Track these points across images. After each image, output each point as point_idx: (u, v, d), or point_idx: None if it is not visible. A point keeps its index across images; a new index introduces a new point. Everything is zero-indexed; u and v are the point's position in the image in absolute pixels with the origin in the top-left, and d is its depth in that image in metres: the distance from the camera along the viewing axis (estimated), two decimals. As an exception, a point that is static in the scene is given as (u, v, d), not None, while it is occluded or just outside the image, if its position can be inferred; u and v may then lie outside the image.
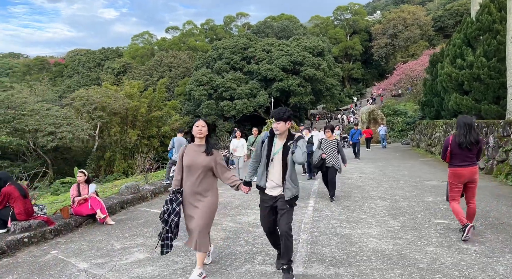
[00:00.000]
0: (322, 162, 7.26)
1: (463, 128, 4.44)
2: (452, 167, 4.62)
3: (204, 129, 3.66)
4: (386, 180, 9.75)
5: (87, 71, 56.16)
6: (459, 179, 4.57)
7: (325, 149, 7.37)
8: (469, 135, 4.39)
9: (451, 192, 4.72)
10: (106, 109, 32.49)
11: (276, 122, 3.43)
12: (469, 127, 4.41)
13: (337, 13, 67.95)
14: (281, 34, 51.90)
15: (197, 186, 3.57)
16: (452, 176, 4.65)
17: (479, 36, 13.89)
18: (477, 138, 4.40)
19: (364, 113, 28.83)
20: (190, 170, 3.58)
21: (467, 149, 4.43)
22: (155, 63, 49.82)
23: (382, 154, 18.29)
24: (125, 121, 35.41)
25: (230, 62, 40.98)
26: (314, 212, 6.37)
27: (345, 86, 65.98)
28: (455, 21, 60.35)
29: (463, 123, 4.46)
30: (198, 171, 3.56)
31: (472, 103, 13.47)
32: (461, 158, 4.49)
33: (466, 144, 4.39)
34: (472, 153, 4.47)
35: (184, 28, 67.37)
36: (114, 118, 33.67)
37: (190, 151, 3.65)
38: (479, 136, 4.50)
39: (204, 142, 3.68)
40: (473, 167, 4.53)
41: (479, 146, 4.47)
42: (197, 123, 3.67)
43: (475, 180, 4.60)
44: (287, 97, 41.55)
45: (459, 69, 14.05)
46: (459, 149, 4.47)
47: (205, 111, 39.34)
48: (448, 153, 4.60)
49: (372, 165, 13.71)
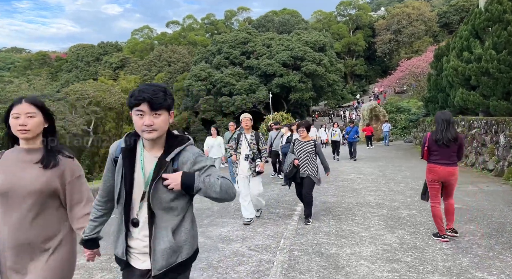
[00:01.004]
0: (296, 171, 5.42)
1: (441, 125, 4.28)
2: (430, 163, 4.45)
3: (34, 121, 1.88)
4: (386, 183, 8.88)
5: (85, 65, 55.36)
6: (434, 175, 4.38)
7: (299, 153, 5.50)
8: (446, 132, 4.22)
9: (430, 191, 4.54)
10: (101, 104, 31.77)
11: (137, 109, 1.57)
12: (446, 124, 4.25)
13: (340, 8, 66.67)
14: (282, 29, 50.82)
15: (26, 231, 1.84)
16: (428, 172, 4.47)
17: (488, 27, 12.91)
18: (455, 135, 4.23)
19: (365, 110, 27.89)
20: (8, 199, 1.84)
21: (445, 146, 4.24)
22: (154, 58, 48.95)
23: (383, 152, 17.39)
24: (121, 117, 34.72)
25: (229, 57, 40.06)
26: (300, 222, 5.53)
27: (347, 83, 64.87)
28: (460, 17, 59.00)
29: (440, 120, 4.30)
30: (26, 201, 1.84)
31: (480, 99, 12.53)
32: (439, 155, 4.32)
33: (443, 141, 4.22)
34: (451, 151, 4.27)
35: (184, 22, 66.27)
36: (109, 114, 33.00)
37: (8, 162, 1.88)
38: (458, 133, 4.30)
39: (38, 144, 1.93)
40: (451, 167, 4.31)
41: (459, 143, 4.27)
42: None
43: (451, 181, 4.39)
44: (288, 93, 40.63)
45: (466, 63, 13.10)
46: (436, 145, 4.30)
47: (204, 107, 38.52)
48: (426, 150, 4.43)
49: (372, 164, 12.83)
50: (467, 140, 11.76)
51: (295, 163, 5.39)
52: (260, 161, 5.53)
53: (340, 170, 11.57)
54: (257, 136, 5.64)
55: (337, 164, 13.38)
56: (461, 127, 12.79)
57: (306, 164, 5.42)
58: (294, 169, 5.40)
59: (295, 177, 5.49)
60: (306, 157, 5.46)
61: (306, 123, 5.81)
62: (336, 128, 15.51)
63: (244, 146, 5.55)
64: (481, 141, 10.50)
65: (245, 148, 5.55)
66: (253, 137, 5.60)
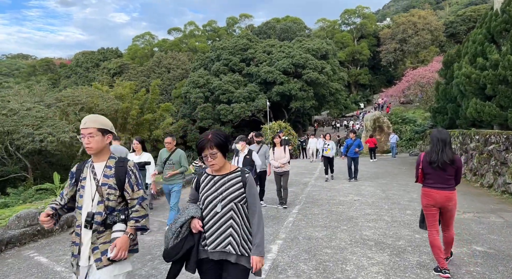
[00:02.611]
0: (191, 246, 2.32)
1: (436, 145, 3.92)
2: (424, 187, 4.09)
3: None
4: (389, 208, 7.42)
5: (84, 71, 54.52)
6: (429, 201, 3.99)
7: (208, 203, 2.56)
8: (442, 154, 3.86)
9: (426, 218, 4.09)
10: (93, 110, 30.61)
11: None
12: (442, 144, 3.89)
13: (345, 17, 65.63)
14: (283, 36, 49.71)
15: None
16: (423, 197, 4.09)
17: (505, 30, 11.55)
18: (452, 158, 3.86)
19: (368, 121, 26.46)
20: None
21: (440, 169, 3.89)
22: (153, 64, 47.98)
23: (387, 167, 15.91)
24: (115, 124, 33.45)
25: (228, 63, 38.92)
26: (272, 270, 4.10)
27: (351, 92, 63.57)
28: (467, 27, 57.96)
29: (436, 139, 3.94)
30: None
31: (497, 111, 11.10)
32: (434, 179, 3.96)
33: (438, 163, 3.86)
34: (448, 174, 3.91)
35: (186, 29, 65.47)
36: (102, 120, 31.77)
37: None
38: (455, 154, 3.92)
39: None
40: (448, 191, 3.93)
41: (456, 166, 3.90)
42: None
43: (449, 207, 3.96)
44: (288, 102, 39.30)
45: (481, 70, 11.71)
46: (431, 168, 3.95)
47: (201, 114, 37.25)
48: (420, 172, 4.07)
49: (373, 182, 11.37)
50: (483, 157, 10.29)
51: (193, 228, 2.33)
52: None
53: (336, 189, 10.12)
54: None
55: (333, 181, 11.92)
56: (475, 142, 11.33)
57: (226, 230, 2.30)
58: (190, 240, 2.33)
59: (184, 260, 2.35)
60: (227, 215, 2.33)
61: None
62: (329, 141, 12.12)
63: None
64: (500, 159, 9.03)
65: None
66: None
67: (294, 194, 9.48)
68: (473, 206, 7.49)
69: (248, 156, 6.87)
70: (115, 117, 33.36)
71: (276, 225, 6.31)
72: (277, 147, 7.79)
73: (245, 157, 6.88)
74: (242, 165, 6.75)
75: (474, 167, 10.86)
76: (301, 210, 7.44)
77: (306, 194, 9.43)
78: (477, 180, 10.51)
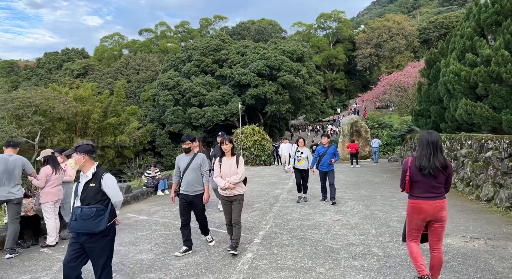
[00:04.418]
0: None
1: (426, 149, 3.44)
2: (412, 198, 3.56)
3: None
4: (377, 234, 5.80)
5: (46, 73, 50.83)
6: (419, 215, 3.47)
7: None
8: (434, 158, 3.39)
9: (409, 230, 3.61)
10: (48, 113, 27.87)
11: None
12: (434, 147, 3.42)
13: (320, 21, 65.23)
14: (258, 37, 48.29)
15: None
16: (410, 209, 3.56)
17: (497, 23, 10.38)
18: (444, 163, 3.39)
19: (346, 125, 25.24)
20: None
21: (431, 176, 3.40)
22: (120, 65, 45.25)
23: (367, 175, 14.50)
24: (74, 128, 30.77)
25: (200, 65, 36.99)
26: None
27: (327, 97, 63.08)
28: (439, 34, 58.93)
29: (426, 142, 3.46)
30: None
31: (490, 112, 9.84)
32: (423, 188, 3.47)
33: (429, 169, 3.38)
34: (438, 182, 3.43)
35: (157, 29, 62.86)
36: (59, 125, 29.05)
37: None
38: (446, 160, 3.44)
39: None
40: (439, 200, 3.46)
41: (448, 173, 3.44)
42: None
43: (441, 218, 3.46)
44: (263, 106, 37.78)
45: (471, 67, 10.46)
46: (420, 175, 3.45)
47: (170, 118, 35.04)
48: (407, 180, 3.53)
49: (355, 194, 9.82)
50: (478, 165, 8.94)
51: None
52: None
53: (311, 204, 8.46)
54: None
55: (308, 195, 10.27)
56: (466, 147, 10.02)
57: None
58: None
59: None
60: None
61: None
62: (303, 148, 8.75)
63: None
64: (502, 168, 7.67)
65: None
66: None
67: (261, 213, 7.74)
68: (480, 229, 6.00)
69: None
70: (74, 121, 30.70)
71: (227, 268, 4.51)
72: (226, 156, 5.10)
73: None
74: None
75: (467, 176, 9.51)
76: (266, 239, 5.69)
77: (275, 212, 7.71)
78: (471, 191, 9.15)
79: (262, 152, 23.04)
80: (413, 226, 3.59)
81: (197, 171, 5.10)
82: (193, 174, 5.06)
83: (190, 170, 5.07)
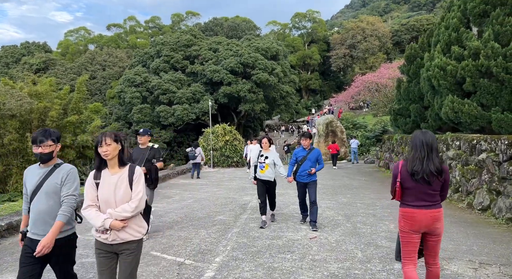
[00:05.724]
0: None
1: (420, 151, 2.95)
2: (403, 206, 3.07)
3: None
4: (364, 258, 4.59)
5: (3, 67, 46.99)
6: (412, 226, 2.98)
7: None
8: (428, 162, 2.90)
9: (403, 245, 3.06)
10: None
11: None
12: (429, 149, 2.93)
13: (295, 21, 64.68)
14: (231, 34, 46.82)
15: None
16: (402, 219, 3.06)
17: (486, 13, 9.56)
18: (439, 167, 2.92)
19: (321, 125, 24.35)
20: None
21: (425, 182, 2.93)
22: (85, 60, 42.43)
23: (344, 178, 13.47)
24: (28, 127, 28.11)
25: (170, 60, 35.09)
26: None
27: (302, 98, 62.59)
28: (411, 36, 59.87)
29: (420, 143, 2.97)
30: None
31: (478, 110, 8.99)
32: (416, 195, 3.00)
33: (423, 174, 2.89)
34: (432, 189, 2.96)
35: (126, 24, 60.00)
36: (11, 122, 26.39)
37: None
38: (443, 163, 2.98)
39: None
40: (435, 210, 2.98)
41: (443, 178, 2.97)
42: None
43: (436, 230, 3.00)
44: (237, 105, 36.39)
45: (457, 61, 9.59)
46: (412, 181, 2.97)
47: (137, 117, 32.94)
48: (398, 186, 3.03)
49: (332, 201, 8.67)
50: (469, 169, 8.00)
51: None
52: None
53: (283, 214, 7.19)
54: None
55: (280, 199, 9.01)
56: (454, 149, 9.10)
57: None
58: None
59: None
60: None
61: None
62: (268, 151, 6.47)
63: None
64: (499, 173, 6.71)
65: None
66: None
67: (223, 228, 6.37)
68: (487, 250, 4.92)
69: None
70: (29, 119, 28.06)
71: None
72: (109, 167, 2.74)
73: None
74: None
75: (456, 182, 8.58)
76: (222, 270, 4.33)
77: (240, 227, 6.37)
78: (460, 198, 8.21)
79: (233, 153, 21.66)
80: (407, 238, 3.04)
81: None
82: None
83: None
